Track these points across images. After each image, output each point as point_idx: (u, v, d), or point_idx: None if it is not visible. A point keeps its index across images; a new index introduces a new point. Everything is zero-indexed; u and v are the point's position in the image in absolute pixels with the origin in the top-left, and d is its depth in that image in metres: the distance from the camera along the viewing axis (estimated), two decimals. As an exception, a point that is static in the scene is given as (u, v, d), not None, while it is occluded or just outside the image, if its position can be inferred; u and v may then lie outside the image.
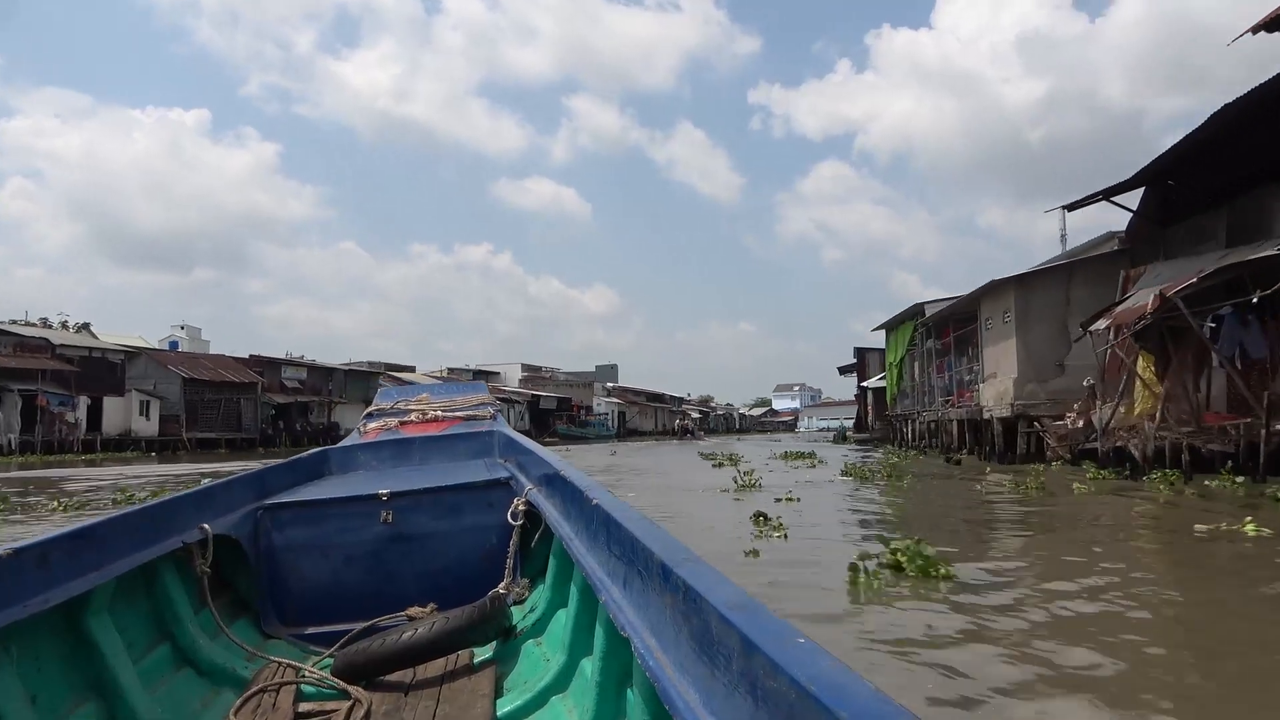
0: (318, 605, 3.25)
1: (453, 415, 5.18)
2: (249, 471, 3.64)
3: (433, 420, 5.13)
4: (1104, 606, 5.15)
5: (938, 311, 26.84)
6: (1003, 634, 4.53)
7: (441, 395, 5.57)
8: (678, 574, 1.33)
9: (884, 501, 12.56)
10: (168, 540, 2.67)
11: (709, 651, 1.18)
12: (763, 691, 0.98)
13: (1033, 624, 4.74)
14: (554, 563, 2.98)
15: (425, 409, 5.25)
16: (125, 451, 41.22)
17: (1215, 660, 4.21)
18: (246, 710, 2.29)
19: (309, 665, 2.68)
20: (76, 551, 2.16)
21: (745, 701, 1.03)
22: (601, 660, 1.98)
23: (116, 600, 2.35)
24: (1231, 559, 7.00)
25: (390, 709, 2.36)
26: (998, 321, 20.97)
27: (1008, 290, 20.16)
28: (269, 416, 54.01)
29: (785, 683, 0.92)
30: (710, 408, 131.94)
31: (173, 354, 52.59)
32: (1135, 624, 4.76)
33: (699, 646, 1.22)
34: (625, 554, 1.74)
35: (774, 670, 0.95)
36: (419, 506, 3.42)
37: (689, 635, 1.27)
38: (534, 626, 2.95)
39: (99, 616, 2.23)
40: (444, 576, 3.34)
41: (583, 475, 2.60)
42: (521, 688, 2.50)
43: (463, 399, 5.45)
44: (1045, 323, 19.39)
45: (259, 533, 3.29)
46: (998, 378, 20.86)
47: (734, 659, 1.08)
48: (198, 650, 2.65)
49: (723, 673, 1.12)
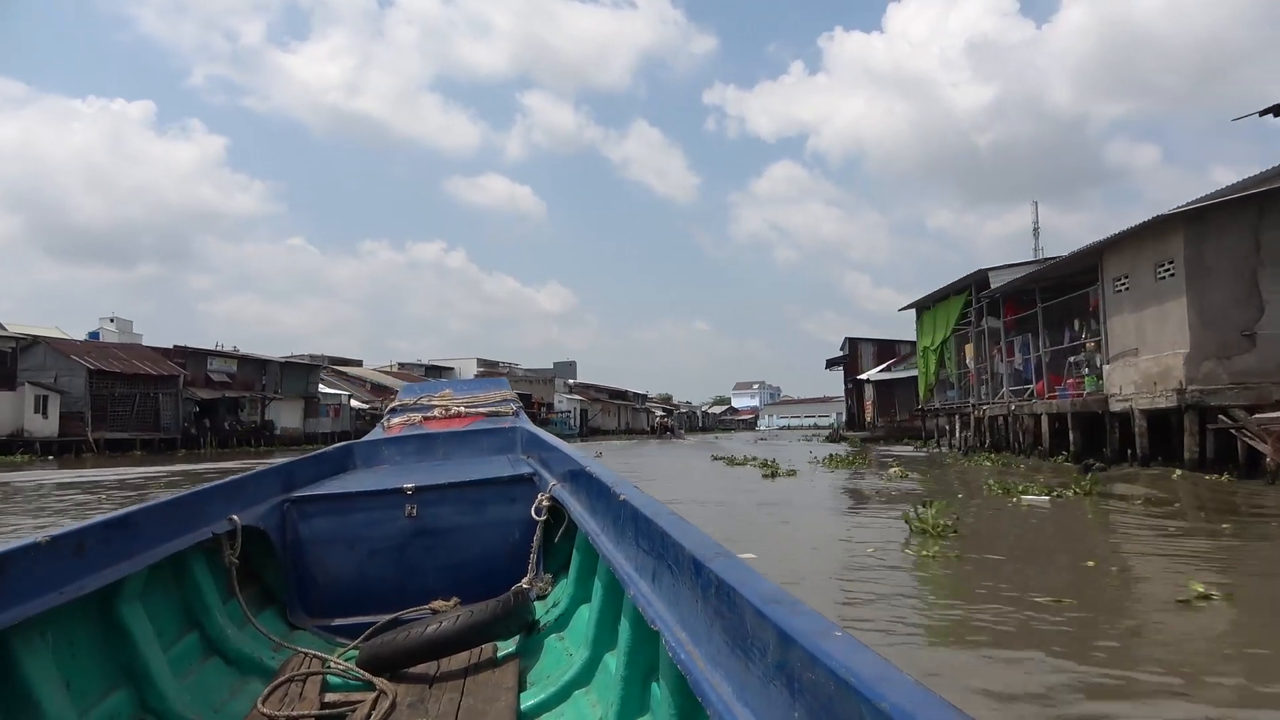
0: (343, 597, 3.28)
1: (476, 411, 5.19)
2: (275, 464, 3.68)
3: (456, 416, 5.13)
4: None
5: (1017, 280, 21.58)
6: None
7: (465, 391, 5.53)
8: (710, 568, 1.34)
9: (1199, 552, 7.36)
10: (198, 531, 2.70)
11: (743, 645, 1.18)
12: (800, 684, 0.98)
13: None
14: (578, 558, 2.99)
15: (449, 405, 5.23)
16: (14, 455, 34.62)
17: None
18: (274, 699, 2.31)
19: (334, 656, 2.68)
20: (110, 540, 2.20)
21: (781, 693, 1.03)
22: (627, 654, 1.97)
23: (148, 589, 2.39)
24: None
25: (414, 701, 2.36)
26: (1144, 279, 15.83)
27: (1171, 234, 14.88)
28: (192, 414, 47.32)
29: (824, 674, 0.92)
30: (672, 406, 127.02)
31: (78, 343, 45.46)
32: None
33: (732, 640, 1.23)
34: (655, 549, 1.74)
35: (812, 663, 0.95)
36: (443, 501, 3.44)
37: (722, 629, 1.28)
38: (557, 621, 2.96)
39: (131, 604, 2.26)
40: (467, 570, 3.34)
41: (609, 471, 2.60)
42: (545, 681, 2.51)
43: (485, 395, 5.44)
44: (1226, 278, 14.36)
45: (286, 525, 3.32)
46: (1140, 356, 15.84)
47: (769, 652, 1.08)
48: (226, 640, 2.68)
49: (757, 665, 1.12)
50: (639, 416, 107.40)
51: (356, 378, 67.38)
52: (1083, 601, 5.38)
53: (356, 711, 2.27)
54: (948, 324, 27.09)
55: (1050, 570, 6.66)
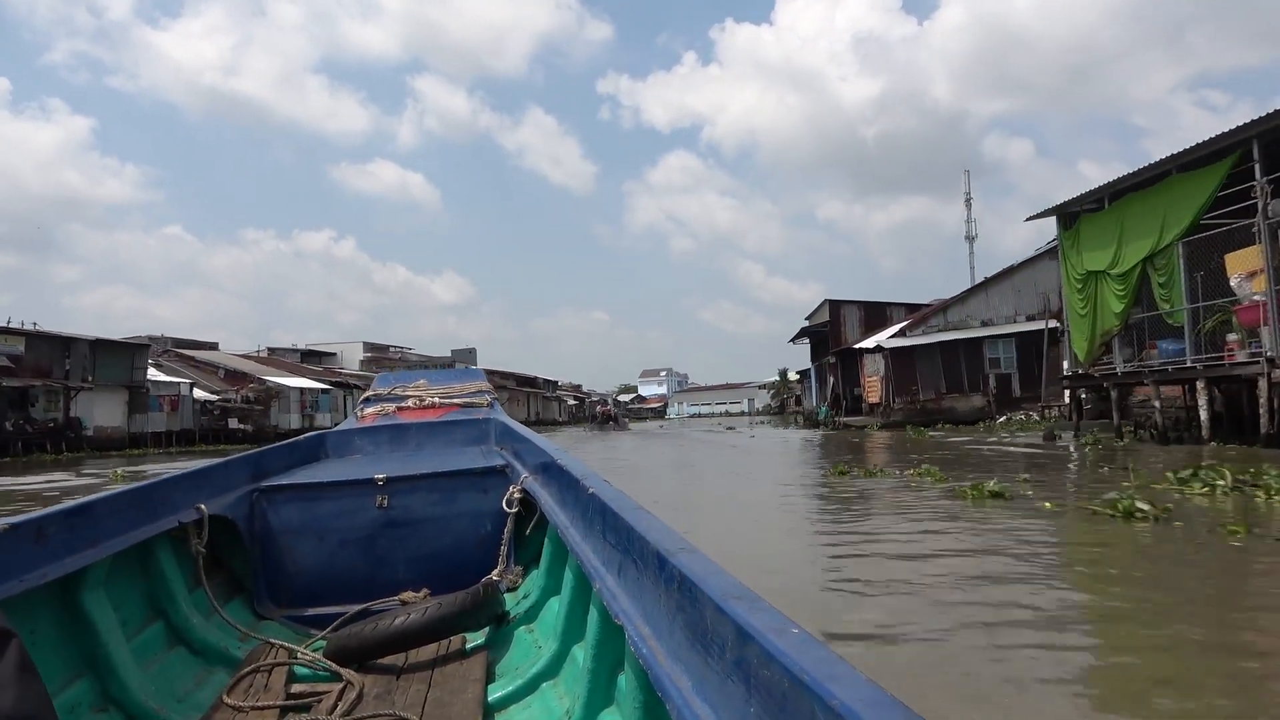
0: (311, 588, 3.25)
1: (450, 402, 5.15)
2: (245, 453, 3.64)
3: (430, 406, 5.10)
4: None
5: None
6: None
7: (439, 382, 5.47)
8: (673, 563, 1.34)
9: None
10: (164, 519, 2.67)
11: (703, 640, 1.18)
12: (756, 680, 0.99)
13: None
14: (548, 550, 2.97)
15: (422, 395, 5.21)
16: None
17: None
18: (239, 690, 2.33)
19: (302, 647, 2.67)
20: (73, 528, 2.16)
21: (738, 689, 1.04)
22: (594, 648, 1.97)
23: (112, 577, 2.36)
24: None
25: (381, 692, 2.36)
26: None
27: None
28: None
29: (778, 671, 0.92)
30: (584, 394, 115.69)
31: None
32: None
33: (693, 635, 1.23)
34: (621, 542, 1.74)
35: (768, 659, 0.95)
36: (414, 491, 3.40)
37: (683, 624, 1.28)
38: (527, 613, 2.95)
39: (94, 593, 2.23)
40: (438, 562, 3.33)
41: (580, 464, 2.58)
42: (513, 674, 2.50)
43: (460, 386, 5.35)
44: None
45: (254, 514, 3.30)
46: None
47: (728, 648, 1.08)
48: (191, 629, 2.65)
49: (716, 661, 1.13)
50: (550, 405, 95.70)
51: (206, 363, 53.53)
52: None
53: (323, 702, 2.26)
54: (1178, 220, 15.66)
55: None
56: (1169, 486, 9.07)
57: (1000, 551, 6.28)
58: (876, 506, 9.49)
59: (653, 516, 1.69)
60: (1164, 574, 5.57)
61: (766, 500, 10.90)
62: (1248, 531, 6.35)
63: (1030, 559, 6.02)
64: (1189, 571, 5.61)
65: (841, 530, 8.00)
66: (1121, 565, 5.84)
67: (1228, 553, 5.90)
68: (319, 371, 63.38)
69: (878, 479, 12.10)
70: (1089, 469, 12.51)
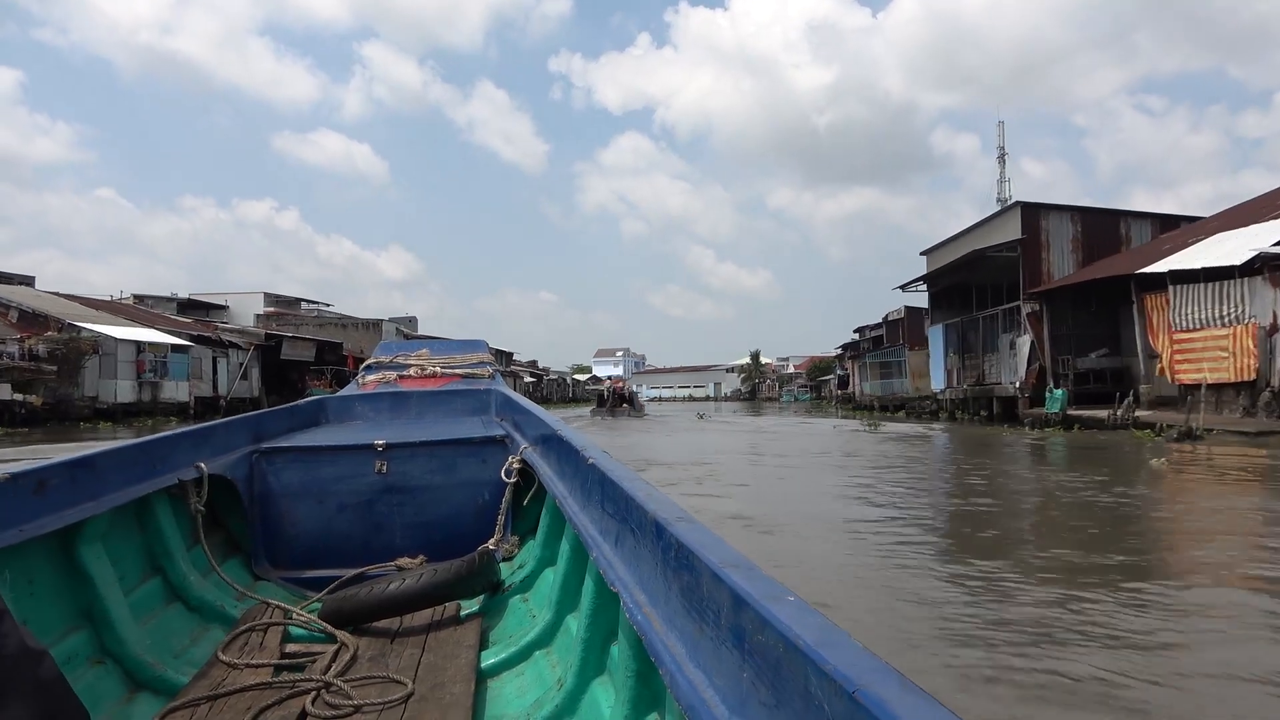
0: (309, 550, 3.27)
1: (451, 372, 5.18)
2: (245, 415, 3.65)
3: (431, 376, 5.12)
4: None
5: None
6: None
7: (441, 352, 5.50)
8: (671, 531, 1.34)
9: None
10: (163, 476, 2.69)
11: (698, 607, 1.19)
12: (750, 646, 0.99)
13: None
14: (546, 521, 2.97)
15: (424, 364, 5.24)
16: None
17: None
18: (234, 647, 2.34)
19: (297, 608, 2.68)
20: (73, 480, 2.18)
21: (732, 655, 1.05)
22: (589, 616, 1.98)
23: (110, 532, 2.37)
24: None
25: (375, 655, 2.36)
26: None
27: None
28: None
29: (773, 637, 0.92)
30: (541, 371, 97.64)
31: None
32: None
33: (688, 602, 1.24)
34: (619, 512, 1.75)
35: (763, 625, 0.95)
36: (414, 459, 3.41)
37: (679, 591, 1.29)
38: (522, 583, 2.94)
39: (92, 546, 2.24)
40: (435, 529, 3.35)
41: (579, 435, 2.59)
42: (506, 641, 2.51)
43: (462, 357, 5.39)
44: None
45: (254, 475, 3.30)
46: None
47: (723, 614, 1.09)
48: (189, 586, 2.66)
49: (711, 627, 1.14)
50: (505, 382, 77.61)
51: None
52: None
53: (317, 662, 2.27)
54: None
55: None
56: None
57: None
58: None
59: (651, 486, 1.70)
60: None
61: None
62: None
63: None
64: None
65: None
66: None
67: None
68: (187, 324, 44.74)
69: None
70: None
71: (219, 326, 46.30)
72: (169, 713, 1.96)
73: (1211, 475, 11.59)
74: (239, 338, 44.04)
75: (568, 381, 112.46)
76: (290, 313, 60.16)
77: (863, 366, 49.62)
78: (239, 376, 42.30)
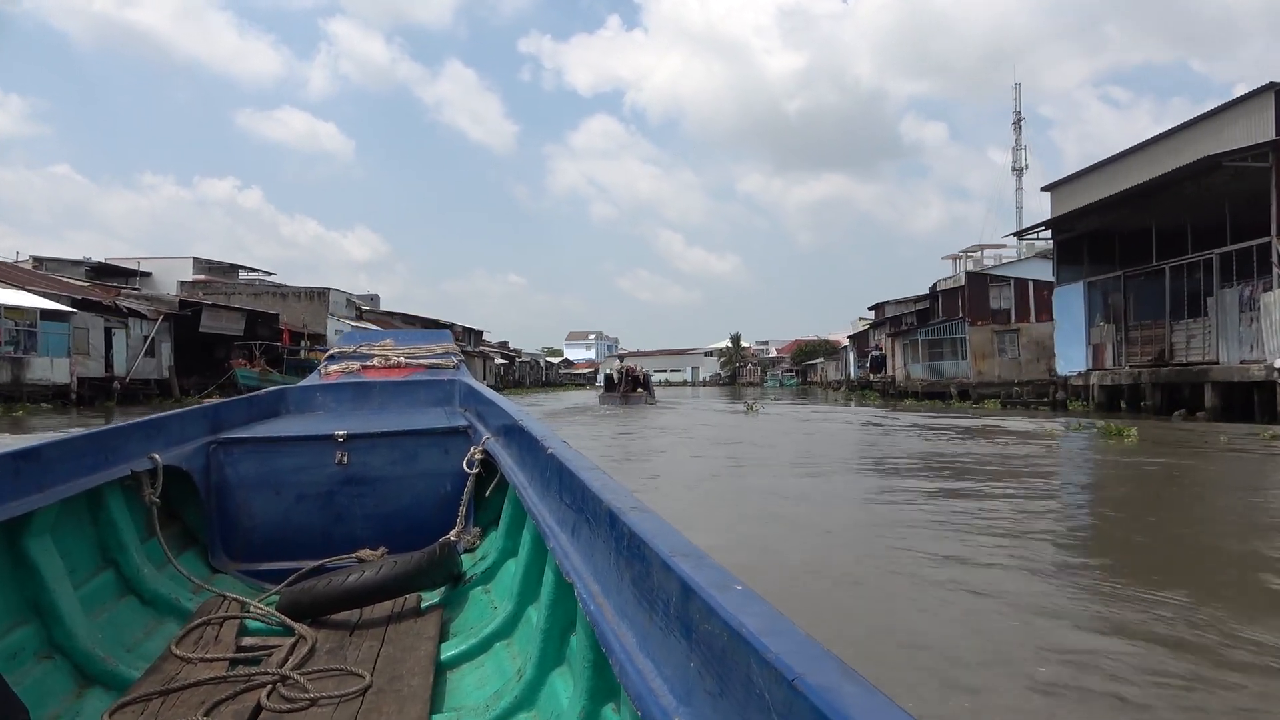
0: (267, 543, 3.20)
1: (415, 362, 5.09)
2: (201, 405, 3.58)
3: (395, 366, 5.03)
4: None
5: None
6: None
7: (405, 342, 5.39)
8: (624, 521, 1.33)
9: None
10: (115, 467, 2.61)
11: (649, 597, 1.19)
12: (697, 635, 0.99)
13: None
14: (507, 512, 2.95)
15: (388, 354, 5.13)
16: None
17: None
18: (189, 641, 2.30)
19: (255, 601, 2.63)
20: (18, 472, 2.11)
21: (680, 644, 1.05)
22: (548, 608, 1.96)
23: (60, 524, 2.31)
24: None
25: (334, 647, 2.33)
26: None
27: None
28: None
29: (719, 625, 0.92)
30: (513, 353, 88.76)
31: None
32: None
33: (639, 592, 1.24)
34: (575, 502, 1.75)
35: (709, 614, 0.95)
36: (375, 449, 3.36)
37: (631, 580, 1.29)
38: (484, 574, 2.92)
39: (40, 539, 2.18)
40: (396, 520, 3.30)
41: (541, 425, 2.56)
42: (467, 633, 2.49)
43: (427, 347, 5.29)
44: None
45: (211, 466, 3.22)
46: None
47: (672, 604, 1.09)
48: (142, 580, 2.60)
49: (660, 617, 1.13)
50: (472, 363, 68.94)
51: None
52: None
53: (273, 655, 2.22)
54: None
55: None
56: None
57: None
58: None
59: (607, 476, 1.69)
60: None
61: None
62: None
63: None
64: None
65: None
66: None
67: None
68: (82, 286, 35.59)
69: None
70: None
71: (122, 291, 37.07)
72: (119, 708, 1.92)
73: None
74: (144, 305, 34.87)
75: (541, 364, 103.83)
76: (222, 280, 50.82)
77: (907, 346, 41.57)
78: (143, 353, 33.20)
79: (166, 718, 1.87)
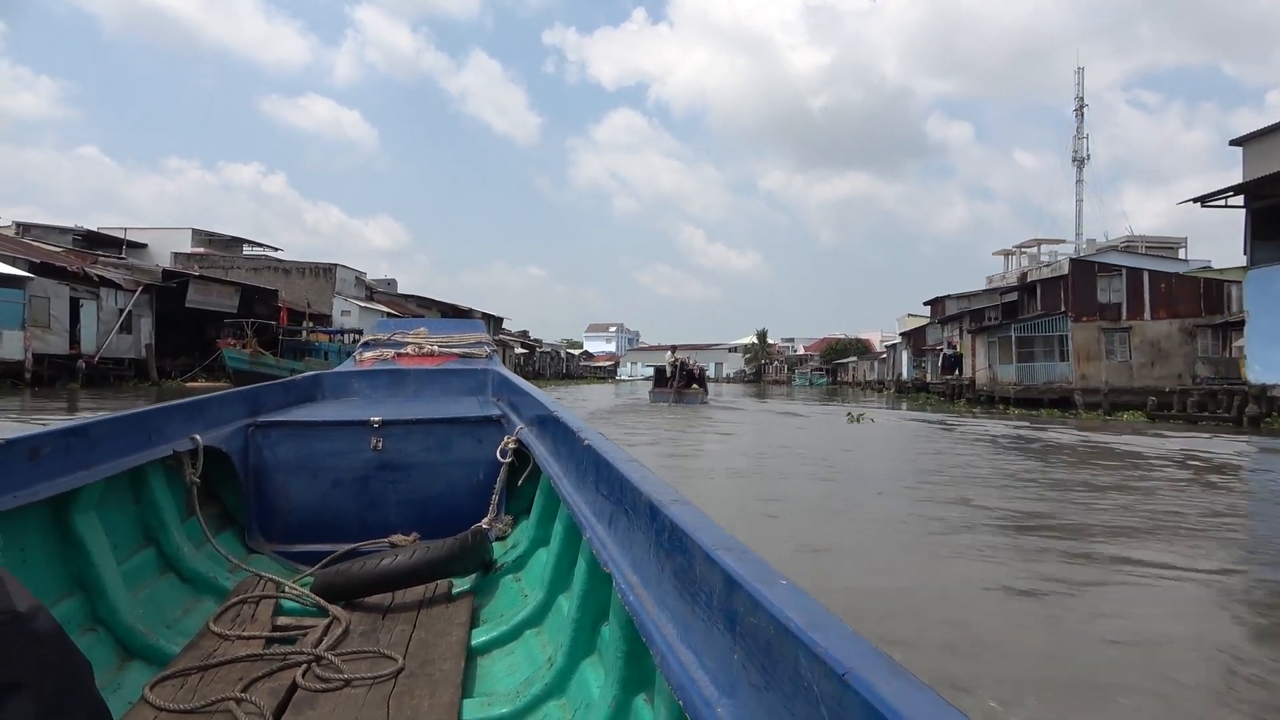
0: (303, 525, 3.26)
1: (449, 351, 5.18)
2: (240, 389, 3.59)
3: (429, 354, 5.12)
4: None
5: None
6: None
7: (439, 331, 5.46)
8: (665, 513, 1.33)
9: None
10: (158, 447, 2.67)
11: (691, 589, 1.19)
12: (742, 627, 1.00)
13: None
14: (540, 501, 2.98)
15: (422, 343, 5.23)
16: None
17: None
18: (226, 619, 2.34)
19: (290, 582, 2.68)
20: (68, 448, 2.17)
21: (723, 637, 1.05)
22: (580, 597, 1.98)
23: (105, 501, 2.35)
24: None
25: (367, 630, 2.36)
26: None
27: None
28: None
29: (765, 619, 0.93)
30: (534, 343, 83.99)
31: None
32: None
33: (681, 584, 1.24)
34: (613, 493, 1.75)
35: (754, 607, 0.96)
36: (410, 436, 3.41)
37: (672, 572, 1.29)
38: (515, 563, 2.95)
39: (86, 515, 2.23)
40: (429, 507, 3.35)
41: (576, 416, 2.55)
42: (497, 620, 2.51)
43: (460, 336, 5.38)
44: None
45: (249, 449, 3.28)
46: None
47: (715, 596, 1.09)
48: (182, 558, 2.65)
49: (703, 609, 1.14)
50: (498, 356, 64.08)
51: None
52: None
53: (308, 636, 2.26)
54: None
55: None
56: None
57: None
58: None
59: (646, 469, 1.68)
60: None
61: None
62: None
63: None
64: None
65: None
66: None
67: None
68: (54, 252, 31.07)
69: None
70: None
71: (99, 259, 32.45)
72: (159, 681, 1.96)
73: None
74: (121, 274, 30.20)
75: (561, 356, 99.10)
76: (221, 254, 46.24)
77: (993, 344, 36.43)
78: (116, 328, 28.54)
79: (205, 693, 1.89)
